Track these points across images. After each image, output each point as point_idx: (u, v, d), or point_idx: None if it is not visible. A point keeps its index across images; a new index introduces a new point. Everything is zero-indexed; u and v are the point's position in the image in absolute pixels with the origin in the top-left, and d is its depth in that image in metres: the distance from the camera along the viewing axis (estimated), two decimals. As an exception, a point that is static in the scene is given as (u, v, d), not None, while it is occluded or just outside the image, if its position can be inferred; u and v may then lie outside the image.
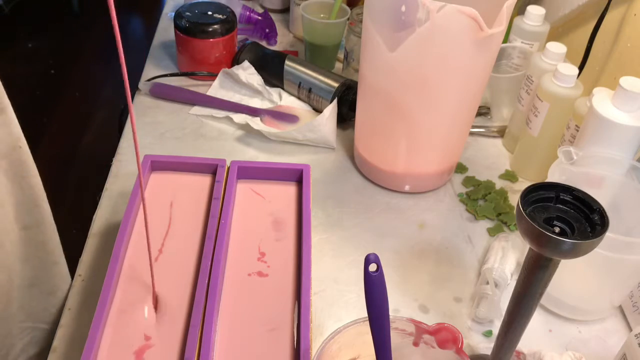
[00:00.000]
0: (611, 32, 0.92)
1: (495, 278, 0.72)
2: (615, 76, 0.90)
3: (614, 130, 0.71)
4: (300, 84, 0.99)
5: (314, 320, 0.68)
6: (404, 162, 0.85)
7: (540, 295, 0.54)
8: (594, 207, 0.50)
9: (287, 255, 0.66)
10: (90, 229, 0.78)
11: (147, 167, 0.71)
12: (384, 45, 0.74)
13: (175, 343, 0.57)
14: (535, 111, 0.85)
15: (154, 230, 0.66)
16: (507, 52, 0.98)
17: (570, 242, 0.47)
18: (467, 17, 0.67)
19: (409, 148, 0.83)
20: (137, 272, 0.62)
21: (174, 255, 0.64)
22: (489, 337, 0.70)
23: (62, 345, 0.65)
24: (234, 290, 0.62)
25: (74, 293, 0.70)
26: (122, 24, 3.20)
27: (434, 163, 0.85)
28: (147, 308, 0.59)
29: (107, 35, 2.78)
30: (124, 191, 0.82)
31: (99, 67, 2.53)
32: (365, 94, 0.83)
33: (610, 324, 0.73)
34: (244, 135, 0.95)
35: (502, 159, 0.96)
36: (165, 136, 0.93)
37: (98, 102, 2.28)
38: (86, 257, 0.75)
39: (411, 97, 0.77)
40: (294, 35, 1.20)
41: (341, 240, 0.80)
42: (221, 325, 0.59)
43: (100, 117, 2.18)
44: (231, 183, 0.71)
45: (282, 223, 0.69)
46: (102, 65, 2.53)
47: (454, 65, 0.73)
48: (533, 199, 0.51)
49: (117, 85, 2.31)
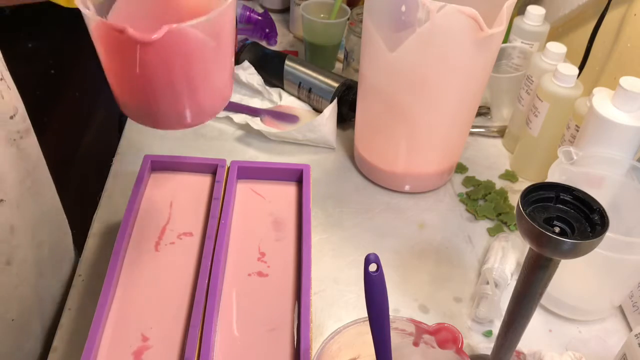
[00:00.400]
0: (611, 32, 0.92)
1: (495, 278, 0.72)
2: (615, 76, 0.90)
3: (614, 130, 0.71)
4: (301, 84, 0.99)
5: (314, 320, 0.68)
6: (404, 162, 0.85)
7: (540, 295, 0.54)
8: (594, 207, 0.50)
9: (287, 255, 0.66)
10: (90, 229, 0.78)
11: (147, 166, 0.71)
12: (384, 45, 0.74)
13: (175, 343, 0.57)
14: (536, 111, 0.85)
15: (154, 230, 0.66)
16: (507, 52, 0.98)
17: (570, 242, 0.47)
18: (467, 17, 0.67)
19: (409, 148, 0.83)
20: (137, 273, 0.62)
21: (173, 256, 0.64)
22: (489, 337, 0.70)
23: (62, 345, 0.65)
24: (233, 291, 0.62)
25: (74, 293, 0.70)
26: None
27: (434, 163, 0.85)
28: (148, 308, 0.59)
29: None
30: (124, 191, 0.82)
31: (99, 67, 2.53)
32: (365, 94, 0.83)
33: (610, 324, 0.73)
34: (244, 135, 0.95)
35: (502, 159, 0.95)
36: (165, 136, 0.93)
37: (98, 102, 2.28)
38: (86, 257, 0.75)
39: (411, 97, 0.77)
40: (294, 35, 1.20)
41: (341, 240, 0.80)
42: (221, 325, 0.59)
43: (100, 117, 2.18)
44: (231, 183, 0.71)
45: (282, 223, 0.69)
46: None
47: (454, 65, 0.73)
48: (533, 199, 0.51)
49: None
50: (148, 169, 0.72)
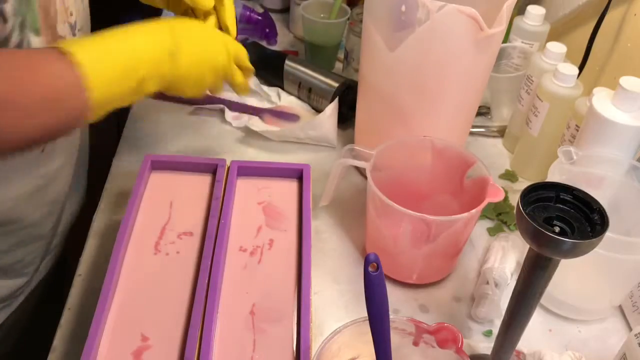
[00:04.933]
0: (611, 32, 0.92)
1: (495, 278, 0.72)
2: (615, 76, 0.90)
3: (614, 130, 0.71)
4: (301, 84, 0.99)
5: (313, 319, 0.68)
6: (404, 162, 0.85)
7: (540, 295, 0.54)
8: (594, 206, 0.50)
9: (287, 255, 0.66)
10: (90, 228, 0.78)
11: (147, 166, 0.71)
12: (384, 44, 0.74)
13: (175, 343, 0.57)
14: (535, 111, 0.85)
15: (154, 230, 0.66)
16: (507, 52, 0.98)
17: (570, 242, 0.47)
18: (467, 17, 0.67)
19: (409, 148, 0.83)
20: (137, 272, 0.62)
21: (173, 255, 0.64)
22: (489, 336, 0.70)
23: (61, 345, 0.65)
24: (233, 290, 0.62)
25: (73, 293, 0.70)
26: (123, 24, 3.21)
27: (434, 163, 0.85)
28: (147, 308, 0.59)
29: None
30: (123, 191, 0.82)
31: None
32: (365, 93, 0.83)
33: (610, 323, 0.73)
34: (244, 135, 0.95)
35: (502, 159, 0.95)
36: (165, 136, 0.93)
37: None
38: (86, 256, 0.75)
39: (411, 96, 0.77)
40: (294, 35, 1.20)
41: (341, 239, 0.80)
42: (221, 325, 0.59)
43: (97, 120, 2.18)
44: (231, 182, 0.71)
45: (282, 222, 0.69)
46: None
47: (454, 65, 0.73)
48: (533, 198, 0.51)
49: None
50: (148, 168, 0.72)
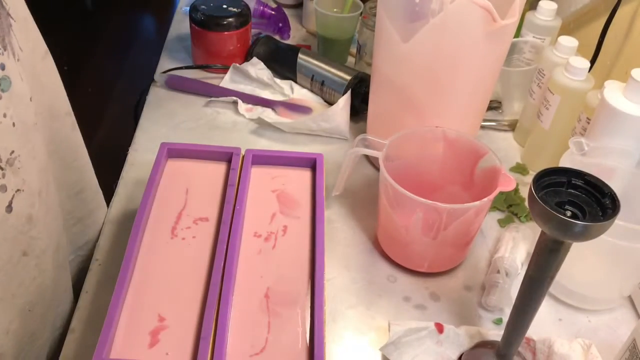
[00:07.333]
0: (623, 27, 0.92)
1: (506, 267, 0.73)
2: (626, 70, 0.90)
3: (625, 122, 0.72)
4: (313, 77, 1.00)
5: (326, 304, 0.69)
6: (416, 154, 0.85)
7: (551, 280, 0.54)
8: (606, 191, 0.50)
9: (300, 241, 0.67)
10: (107, 215, 0.80)
11: (163, 153, 0.73)
12: (397, 36, 0.75)
13: (192, 323, 0.58)
14: (547, 104, 0.85)
15: (170, 215, 0.67)
16: (518, 46, 0.98)
17: (582, 224, 0.47)
18: (480, 8, 0.68)
19: (420, 139, 0.84)
20: (154, 255, 0.64)
21: (190, 239, 0.65)
22: (499, 324, 0.71)
23: (80, 327, 0.67)
24: (248, 273, 0.63)
25: (91, 277, 0.72)
26: (135, 22, 3.23)
27: (446, 155, 0.86)
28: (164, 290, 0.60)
29: (119, 32, 2.80)
30: (139, 179, 0.84)
31: (111, 63, 2.55)
32: (378, 85, 0.84)
33: (619, 314, 0.74)
34: (257, 126, 0.96)
35: (513, 152, 0.96)
36: (180, 127, 0.94)
37: (111, 97, 2.30)
38: (103, 242, 0.76)
39: (424, 88, 0.78)
40: (306, 30, 1.21)
41: (352, 229, 0.81)
42: (236, 306, 0.60)
43: (113, 112, 2.20)
44: (246, 170, 0.72)
45: (296, 209, 0.70)
46: (115, 60, 2.55)
47: (467, 55, 0.73)
48: (545, 183, 0.51)
49: (129, 80, 2.32)
50: (165, 156, 0.73)
